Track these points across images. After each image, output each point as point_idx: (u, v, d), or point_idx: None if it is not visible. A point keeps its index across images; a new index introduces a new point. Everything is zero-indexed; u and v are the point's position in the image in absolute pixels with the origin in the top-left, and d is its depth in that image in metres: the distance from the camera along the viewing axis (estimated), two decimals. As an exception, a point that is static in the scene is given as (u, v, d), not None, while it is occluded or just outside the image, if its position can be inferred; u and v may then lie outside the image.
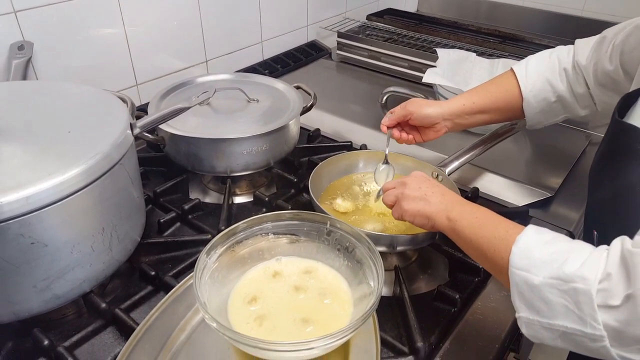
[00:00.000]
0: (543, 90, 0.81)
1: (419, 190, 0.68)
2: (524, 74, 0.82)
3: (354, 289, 0.68)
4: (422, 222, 0.67)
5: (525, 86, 0.81)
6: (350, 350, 0.62)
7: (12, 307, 0.62)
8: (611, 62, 0.74)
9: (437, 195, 0.67)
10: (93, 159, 0.62)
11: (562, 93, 0.81)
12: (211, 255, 0.65)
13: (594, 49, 0.77)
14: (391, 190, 0.72)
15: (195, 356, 0.63)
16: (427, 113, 0.83)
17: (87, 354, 0.65)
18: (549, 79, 0.81)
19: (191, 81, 1.08)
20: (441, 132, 0.86)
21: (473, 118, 0.84)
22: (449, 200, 0.66)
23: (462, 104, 0.83)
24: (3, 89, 0.78)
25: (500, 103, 0.83)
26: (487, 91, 0.84)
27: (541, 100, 0.81)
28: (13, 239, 0.57)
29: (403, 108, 0.84)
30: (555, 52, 0.83)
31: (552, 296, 0.47)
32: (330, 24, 1.65)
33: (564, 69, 0.80)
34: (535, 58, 0.84)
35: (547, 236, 0.52)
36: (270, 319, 0.64)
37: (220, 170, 0.93)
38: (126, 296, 0.73)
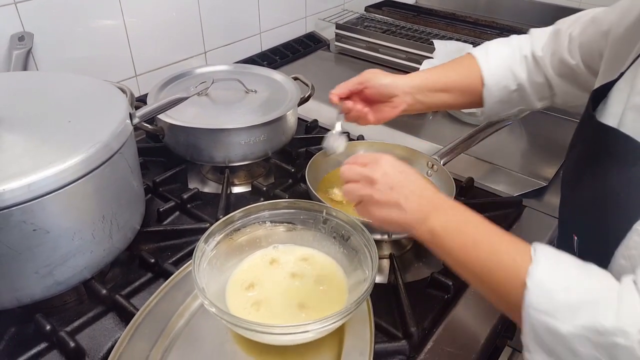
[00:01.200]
0: (505, 77, 0.77)
1: (390, 194, 0.56)
2: (485, 59, 0.77)
3: (349, 275, 0.69)
4: (396, 229, 0.59)
5: (487, 70, 0.76)
6: (345, 334, 0.64)
7: (14, 293, 0.63)
8: (572, 56, 0.72)
9: (413, 199, 0.55)
10: (93, 148, 0.63)
11: (522, 82, 0.77)
12: (209, 243, 0.67)
13: (550, 39, 0.76)
14: (354, 187, 0.59)
15: (193, 341, 0.65)
16: (386, 82, 0.76)
17: (89, 338, 0.67)
18: (510, 65, 0.77)
19: (190, 72, 1.09)
20: (399, 108, 0.77)
21: (434, 96, 0.78)
22: (428, 204, 0.55)
23: (426, 78, 0.77)
24: (4, 80, 0.78)
25: (463, 84, 0.77)
26: (451, 69, 0.79)
27: (502, 88, 0.77)
28: (15, 226, 0.58)
29: (359, 76, 0.77)
30: (514, 39, 0.80)
31: (583, 348, 0.41)
32: (328, 16, 1.65)
33: (524, 57, 0.77)
34: (495, 44, 0.80)
35: (562, 266, 0.45)
36: (267, 305, 0.65)
37: (219, 160, 0.94)
38: (126, 283, 0.74)
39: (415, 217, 0.55)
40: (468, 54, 0.80)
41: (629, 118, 0.51)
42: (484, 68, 0.76)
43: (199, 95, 0.98)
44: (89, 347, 0.65)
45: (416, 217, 0.55)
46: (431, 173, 0.90)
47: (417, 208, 0.55)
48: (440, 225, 0.53)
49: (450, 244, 0.52)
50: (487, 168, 1.02)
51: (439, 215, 0.54)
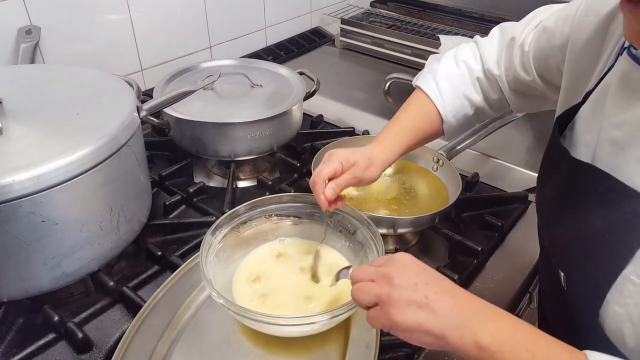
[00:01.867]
0: (462, 107, 0.73)
1: (414, 290, 0.45)
2: (438, 94, 0.73)
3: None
4: (423, 340, 0.45)
5: (444, 108, 0.72)
6: (351, 326, 0.64)
7: (23, 284, 0.64)
8: (527, 72, 0.68)
9: (444, 298, 0.45)
10: (101, 140, 0.63)
11: (478, 104, 0.74)
12: (216, 235, 0.67)
13: (505, 54, 0.70)
14: (367, 286, 0.49)
15: (200, 333, 0.65)
16: (374, 176, 0.68)
17: (96, 329, 0.67)
18: (465, 93, 0.73)
19: (195, 66, 1.09)
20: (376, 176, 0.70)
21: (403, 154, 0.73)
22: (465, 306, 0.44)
23: (399, 153, 0.71)
24: (12, 72, 0.79)
25: (425, 130, 0.73)
26: (412, 126, 0.73)
27: (461, 117, 0.74)
28: (24, 217, 0.58)
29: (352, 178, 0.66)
30: (461, 56, 0.74)
31: None
32: (333, 11, 1.65)
33: (476, 79, 0.73)
34: (442, 70, 0.74)
35: None
36: (274, 297, 0.66)
37: (224, 154, 0.94)
38: (133, 275, 0.74)
39: (450, 323, 0.43)
40: (419, 90, 0.75)
41: (604, 152, 0.48)
42: (440, 105, 0.73)
43: (205, 90, 0.99)
44: (97, 338, 0.66)
45: (451, 322, 0.43)
46: (437, 168, 0.90)
47: (450, 310, 0.44)
48: (490, 336, 0.42)
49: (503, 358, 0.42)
50: (492, 163, 1.02)
51: (485, 323, 0.43)
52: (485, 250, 0.80)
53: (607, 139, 0.48)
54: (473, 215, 0.89)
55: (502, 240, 0.85)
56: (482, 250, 0.78)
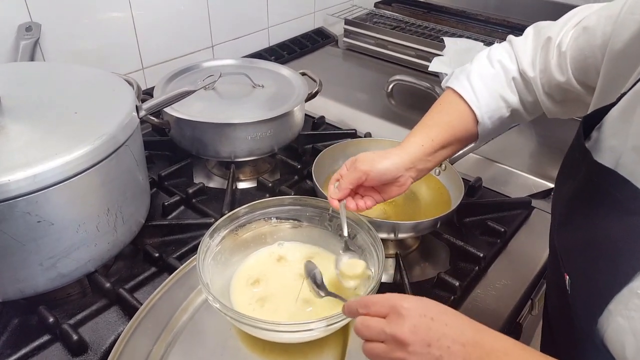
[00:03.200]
0: (498, 108, 0.70)
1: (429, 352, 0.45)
2: (472, 94, 0.69)
3: (355, 274, 0.68)
4: None
5: (479, 109, 0.69)
6: (349, 333, 0.63)
7: (18, 284, 0.63)
8: (562, 73, 0.64)
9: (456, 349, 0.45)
10: (99, 140, 0.62)
11: (515, 106, 0.70)
12: (214, 238, 0.66)
13: (540, 55, 0.67)
14: (380, 349, 0.48)
15: (196, 336, 0.64)
16: (385, 168, 0.66)
17: (92, 331, 0.66)
18: (501, 93, 0.69)
19: (197, 66, 1.08)
20: (406, 185, 0.68)
21: (435, 157, 0.69)
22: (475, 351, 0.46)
23: (421, 145, 0.68)
24: (11, 70, 0.78)
25: (460, 133, 0.70)
26: (443, 123, 0.70)
27: (496, 119, 0.70)
28: (20, 217, 0.58)
29: (354, 170, 0.66)
30: (495, 56, 0.71)
31: None
32: (337, 11, 1.64)
33: (512, 79, 0.69)
34: (476, 70, 0.71)
35: None
36: (272, 301, 0.65)
37: (225, 155, 0.93)
38: (130, 277, 0.74)
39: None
40: (451, 90, 0.71)
41: (629, 159, 0.47)
42: (474, 106, 0.69)
43: (206, 89, 0.98)
44: (92, 340, 0.65)
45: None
46: (439, 172, 0.89)
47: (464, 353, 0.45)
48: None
49: None
50: (496, 168, 1.01)
51: None
52: (488, 257, 0.79)
53: (635, 147, 0.46)
54: (475, 221, 0.87)
55: (505, 246, 0.83)
56: (484, 256, 0.77)
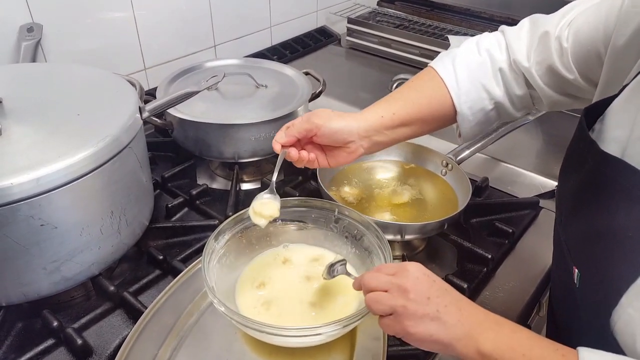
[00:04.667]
0: (479, 99, 0.67)
1: (427, 304, 0.48)
2: (453, 79, 0.66)
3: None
4: (433, 348, 0.50)
5: (458, 96, 0.66)
6: (357, 337, 0.62)
7: (21, 288, 0.62)
8: (568, 71, 0.62)
9: (452, 310, 0.48)
10: (102, 142, 0.62)
11: (499, 98, 0.67)
12: (219, 240, 0.66)
13: (537, 47, 0.64)
14: (383, 296, 0.51)
15: (202, 340, 0.63)
16: (338, 127, 0.64)
17: (96, 335, 0.66)
18: (484, 84, 0.66)
19: (200, 66, 1.07)
20: (356, 154, 0.67)
21: (394, 133, 0.67)
22: (470, 317, 0.48)
23: (380, 116, 0.66)
24: (12, 71, 0.77)
25: (425, 113, 0.67)
26: (409, 100, 0.67)
27: (478, 111, 0.67)
28: (23, 220, 0.57)
29: (306, 121, 0.65)
30: (484, 44, 0.68)
31: None
32: (340, 10, 1.63)
33: (499, 70, 0.66)
34: (461, 55, 0.68)
35: None
36: (278, 304, 0.64)
37: (228, 156, 0.92)
38: (134, 280, 0.73)
39: (457, 333, 0.47)
40: (432, 70, 0.68)
41: (636, 149, 0.46)
42: (454, 92, 0.66)
43: (209, 90, 0.97)
44: (97, 344, 0.65)
45: (457, 332, 0.47)
46: (446, 172, 0.88)
47: (457, 322, 0.48)
48: (491, 344, 0.46)
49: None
50: (502, 168, 1.00)
51: (486, 333, 0.47)
52: (495, 258, 0.78)
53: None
54: (483, 222, 0.86)
55: (513, 247, 0.82)
56: (492, 257, 0.76)
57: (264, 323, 0.54)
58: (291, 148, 0.66)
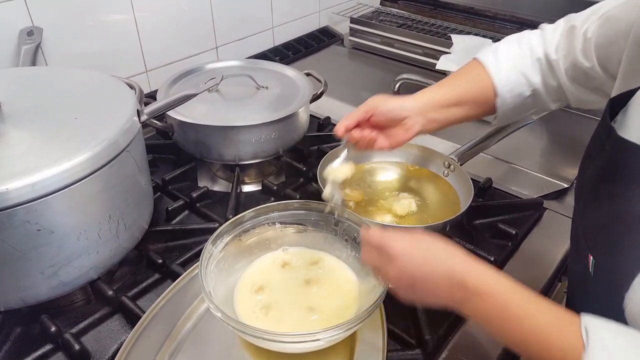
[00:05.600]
0: (519, 84, 0.71)
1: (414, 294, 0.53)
2: (495, 66, 0.72)
3: (361, 280, 0.67)
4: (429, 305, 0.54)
5: (499, 80, 0.71)
6: (356, 342, 0.62)
7: (19, 293, 0.62)
8: (587, 59, 0.66)
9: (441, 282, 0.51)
10: (99, 146, 0.61)
11: (537, 86, 0.72)
12: (217, 245, 0.65)
13: (564, 41, 0.69)
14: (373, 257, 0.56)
15: (200, 345, 0.63)
16: (393, 106, 0.70)
17: (94, 341, 0.65)
18: (523, 71, 0.71)
19: (201, 68, 1.07)
20: (412, 130, 0.71)
21: (447, 112, 0.72)
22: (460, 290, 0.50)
23: (433, 96, 0.72)
24: (12, 75, 0.77)
25: (476, 95, 0.72)
26: (457, 83, 0.74)
27: (516, 95, 0.72)
28: (19, 226, 0.57)
29: (364, 104, 0.71)
30: (525, 38, 0.73)
31: None
32: (342, 10, 1.62)
33: (537, 59, 0.71)
34: (504, 46, 0.74)
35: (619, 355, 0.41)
36: (277, 308, 0.63)
37: (229, 158, 0.92)
38: (133, 284, 0.73)
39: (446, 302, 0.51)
40: (475, 60, 0.74)
41: None
42: (495, 77, 0.71)
43: (210, 92, 0.96)
44: (94, 349, 0.64)
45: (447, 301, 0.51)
46: (448, 173, 0.87)
47: (448, 295, 0.50)
48: (480, 312, 0.49)
49: (492, 329, 0.48)
50: (506, 168, 0.98)
51: (475, 302, 0.49)
52: (499, 260, 0.76)
53: None
54: (485, 223, 0.85)
55: (516, 249, 0.81)
56: (495, 260, 0.75)
57: (261, 329, 0.54)
58: (353, 130, 0.71)
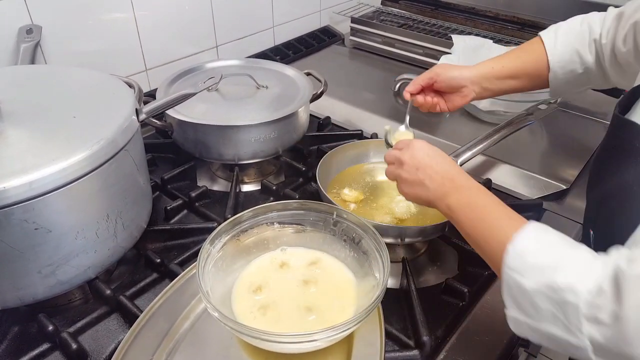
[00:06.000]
0: (571, 62, 0.77)
1: (415, 174, 0.64)
2: (552, 43, 0.79)
3: (360, 280, 0.67)
4: (422, 204, 0.66)
5: (552, 56, 0.78)
6: (354, 342, 0.61)
7: (17, 292, 0.62)
8: (625, 44, 0.70)
9: (436, 178, 0.62)
10: (97, 145, 0.61)
11: (590, 65, 0.77)
12: (215, 244, 0.65)
13: (613, 25, 0.73)
14: (390, 168, 0.69)
15: (198, 344, 0.63)
16: (454, 75, 0.81)
17: (91, 340, 0.65)
18: (578, 50, 0.77)
19: (201, 67, 1.06)
20: (469, 97, 0.83)
21: (502, 83, 0.82)
22: (450, 183, 0.61)
23: (491, 67, 0.81)
24: (11, 73, 0.77)
25: (530, 69, 0.80)
26: (515, 56, 0.81)
27: (568, 72, 0.78)
28: (17, 224, 0.56)
29: (429, 71, 0.82)
30: (587, 19, 0.78)
31: (542, 303, 0.47)
32: (343, 9, 1.62)
33: (594, 40, 0.76)
34: (565, 25, 0.80)
35: (546, 237, 0.50)
36: (275, 309, 0.63)
37: (228, 157, 0.92)
38: (131, 283, 0.73)
39: (437, 194, 0.61)
40: (538, 37, 0.81)
41: None
42: (550, 52, 0.78)
43: (209, 91, 0.96)
44: (92, 348, 0.64)
45: (438, 194, 0.61)
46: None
47: (439, 187, 0.61)
48: (456, 201, 0.59)
49: (461, 217, 0.58)
50: (506, 169, 0.98)
51: (456, 194, 0.59)
52: (497, 262, 0.76)
53: None
54: (484, 224, 0.85)
55: (515, 250, 0.81)
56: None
57: (259, 329, 0.53)
58: (418, 95, 0.84)
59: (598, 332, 0.43)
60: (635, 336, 0.41)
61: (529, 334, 0.50)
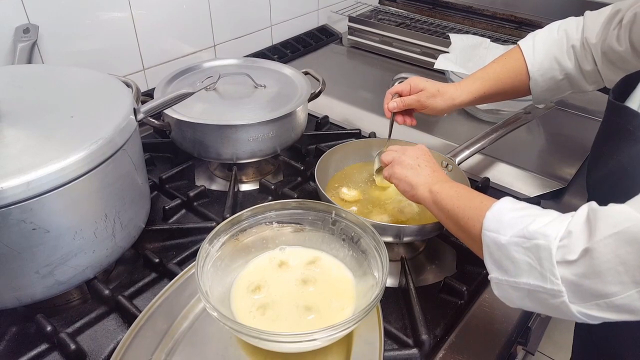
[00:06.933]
0: (550, 69, 0.80)
1: (414, 160, 0.71)
2: (531, 52, 0.81)
3: (358, 279, 0.67)
4: (404, 188, 0.70)
5: (532, 65, 0.80)
6: (353, 341, 0.61)
7: (14, 293, 0.62)
8: (620, 42, 0.71)
9: (428, 169, 0.69)
10: (95, 145, 0.61)
11: (570, 71, 0.79)
12: (214, 244, 0.65)
13: (604, 25, 0.74)
14: (391, 152, 0.75)
15: (197, 344, 0.63)
16: (441, 108, 0.83)
17: (90, 340, 0.65)
18: (557, 56, 0.79)
19: (198, 66, 1.06)
20: (441, 114, 0.87)
21: (486, 100, 0.86)
22: (437, 176, 0.68)
23: (474, 97, 0.83)
24: (7, 73, 0.77)
25: (508, 86, 0.83)
26: (495, 76, 0.83)
27: (548, 79, 0.80)
28: (14, 225, 0.56)
29: (416, 101, 0.83)
30: (564, 25, 0.80)
31: (517, 254, 0.49)
32: (341, 8, 1.62)
33: (572, 46, 0.78)
34: (542, 33, 0.82)
35: (521, 204, 0.54)
36: (274, 308, 0.63)
37: (226, 157, 0.92)
38: (130, 282, 0.72)
39: (424, 181, 0.67)
40: (517, 46, 0.84)
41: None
42: (529, 62, 0.80)
43: (207, 90, 0.96)
44: (90, 349, 0.64)
45: (425, 180, 0.67)
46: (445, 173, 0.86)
47: (428, 174, 0.68)
48: (439, 186, 0.65)
49: (442, 196, 0.63)
50: (503, 168, 0.98)
51: (442, 184, 0.65)
52: (496, 260, 0.76)
53: None
54: (483, 223, 0.85)
55: (513, 249, 0.81)
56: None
57: (258, 329, 0.53)
58: (398, 116, 0.86)
59: (569, 272, 0.45)
60: (606, 269, 0.42)
61: (511, 295, 0.52)
